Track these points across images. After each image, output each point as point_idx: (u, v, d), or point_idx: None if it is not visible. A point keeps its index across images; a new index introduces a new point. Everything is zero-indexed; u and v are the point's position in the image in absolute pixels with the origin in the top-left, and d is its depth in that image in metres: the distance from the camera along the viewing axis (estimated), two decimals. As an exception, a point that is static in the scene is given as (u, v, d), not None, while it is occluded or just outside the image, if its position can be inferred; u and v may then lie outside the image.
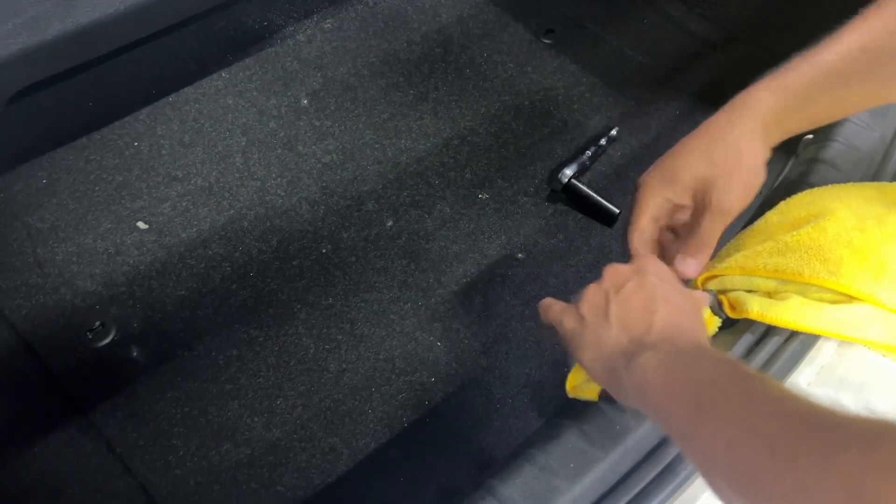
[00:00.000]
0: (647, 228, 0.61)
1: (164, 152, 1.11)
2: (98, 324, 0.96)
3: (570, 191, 1.10)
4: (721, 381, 0.43)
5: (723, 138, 0.56)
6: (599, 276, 0.57)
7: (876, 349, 0.59)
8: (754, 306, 0.59)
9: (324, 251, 1.05)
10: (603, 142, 1.15)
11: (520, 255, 1.07)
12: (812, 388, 0.60)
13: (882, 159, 0.75)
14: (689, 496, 0.57)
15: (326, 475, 0.89)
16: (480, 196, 1.12)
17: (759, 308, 0.59)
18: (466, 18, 1.31)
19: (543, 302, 0.59)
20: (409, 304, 1.02)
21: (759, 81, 0.56)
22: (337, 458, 0.90)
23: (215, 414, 0.91)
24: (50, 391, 0.92)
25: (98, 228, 1.04)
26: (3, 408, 0.91)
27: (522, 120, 1.20)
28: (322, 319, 0.99)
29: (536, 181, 1.14)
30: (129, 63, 0.98)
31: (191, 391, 0.93)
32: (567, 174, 1.09)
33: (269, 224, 1.07)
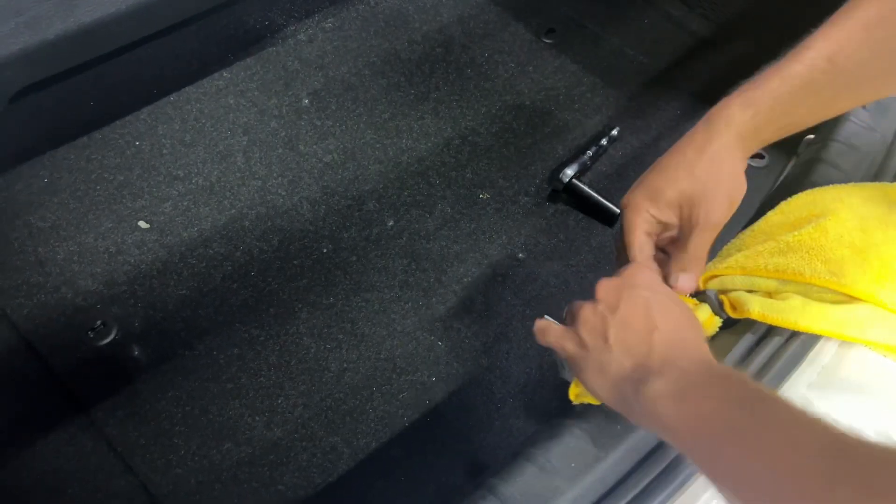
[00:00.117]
0: (646, 243, 0.61)
1: (165, 152, 1.11)
2: (99, 323, 0.96)
3: (570, 190, 1.10)
4: (734, 413, 0.44)
5: (702, 152, 0.57)
6: (600, 277, 0.57)
7: (877, 349, 0.59)
8: (755, 306, 0.60)
9: (325, 251, 1.05)
10: (604, 141, 1.15)
11: (520, 255, 1.07)
12: (813, 388, 0.60)
13: (883, 159, 0.75)
14: (689, 496, 0.57)
15: (327, 474, 0.89)
16: (481, 196, 1.12)
17: (760, 308, 0.59)
18: (467, 18, 1.31)
19: (538, 324, 0.59)
20: (410, 304, 1.02)
21: (730, 95, 0.57)
22: (338, 457, 0.90)
23: (216, 413, 0.92)
24: (51, 390, 0.92)
25: (99, 227, 1.04)
26: (4, 407, 0.91)
27: (523, 119, 1.20)
28: (323, 319, 0.99)
29: (537, 181, 1.14)
30: (130, 62, 0.98)
31: (192, 390, 0.93)
32: (568, 174, 1.09)
33: (270, 223, 1.07)
